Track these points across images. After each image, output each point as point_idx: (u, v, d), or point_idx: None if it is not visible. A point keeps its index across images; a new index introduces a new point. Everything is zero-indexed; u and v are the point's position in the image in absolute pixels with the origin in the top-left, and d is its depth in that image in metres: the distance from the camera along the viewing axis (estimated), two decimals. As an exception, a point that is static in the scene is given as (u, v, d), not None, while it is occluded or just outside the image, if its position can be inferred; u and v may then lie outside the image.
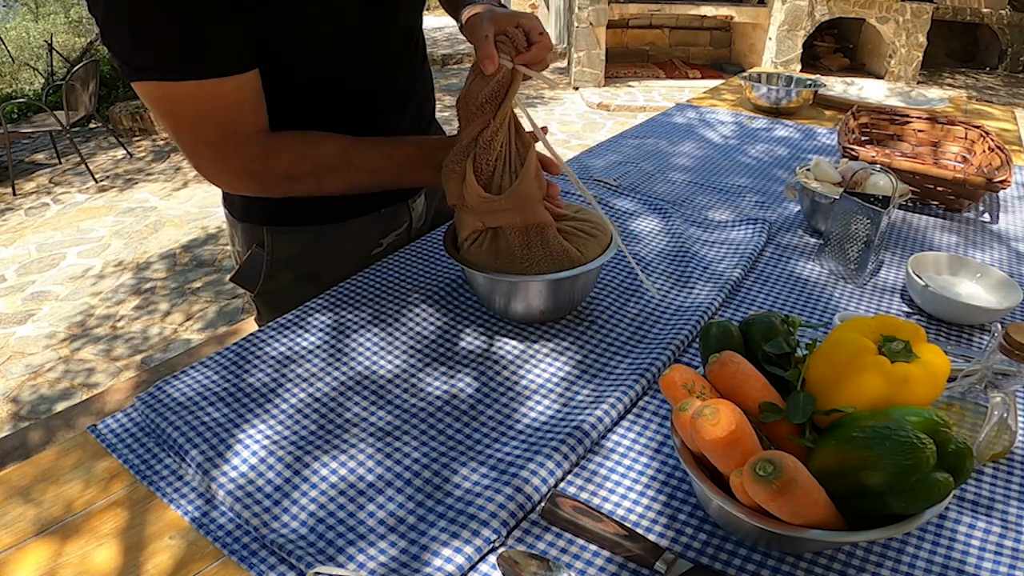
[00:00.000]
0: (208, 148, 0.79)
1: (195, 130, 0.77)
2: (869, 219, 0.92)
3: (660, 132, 1.59)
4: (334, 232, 1.00)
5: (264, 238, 0.99)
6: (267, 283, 1.02)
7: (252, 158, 0.81)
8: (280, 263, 1.01)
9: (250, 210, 0.99)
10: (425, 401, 0.73)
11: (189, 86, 0.72)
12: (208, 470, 0.63)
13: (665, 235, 1.08)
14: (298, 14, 0.77)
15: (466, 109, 0.76)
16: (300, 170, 0.83)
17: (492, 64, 0.72)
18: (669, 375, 0.58)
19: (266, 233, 0.99)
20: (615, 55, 6.70)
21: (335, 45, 0.84)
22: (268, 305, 1.05)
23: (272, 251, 1.00)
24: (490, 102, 0.74)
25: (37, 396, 2.44)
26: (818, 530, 0.50)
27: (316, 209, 0.95)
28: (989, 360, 0.63)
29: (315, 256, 1.01)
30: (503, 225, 0.77)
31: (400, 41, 0.93)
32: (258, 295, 1.04)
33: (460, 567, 0.54)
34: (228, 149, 0.79)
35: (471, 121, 0.76)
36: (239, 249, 1.04)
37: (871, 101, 1.85)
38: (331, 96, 0.88)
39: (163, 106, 0.74)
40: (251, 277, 1.02)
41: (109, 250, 3.52)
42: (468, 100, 0.75)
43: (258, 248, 1.00)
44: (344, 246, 1.01)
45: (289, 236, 0.99)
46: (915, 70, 6.18)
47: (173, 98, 0.73)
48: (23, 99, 5.60)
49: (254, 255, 1.00)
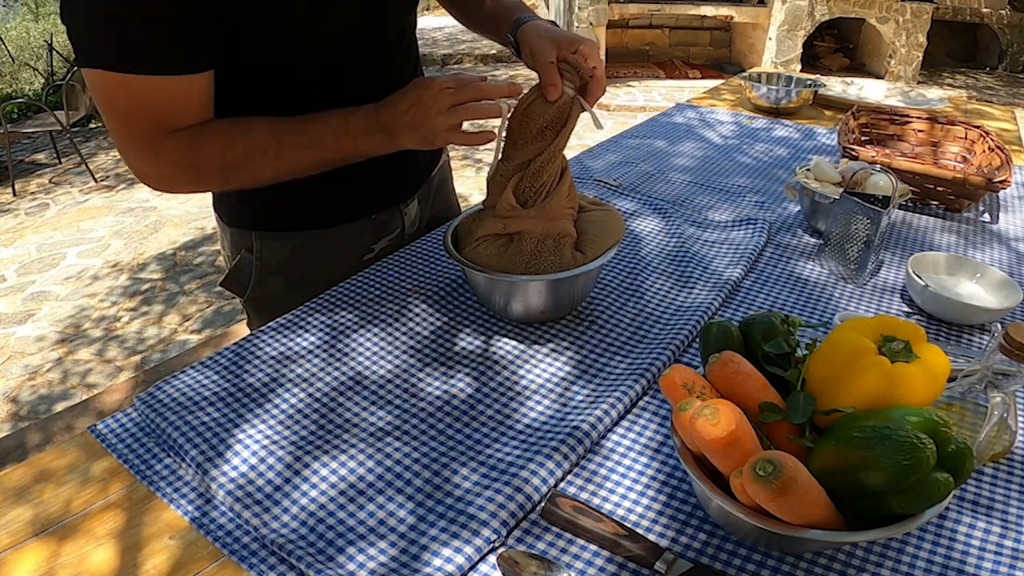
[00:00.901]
0: (137, 140, 0.76)
1: (126, 121, 0.74)
2: (869, 219, 0.92)
3: (660, 132, 1.59)
4: (324, 237, 0.98)
5: (253, 243, 0.97)
6: (256, 288, 1.00)
7: (178, 150, 0.77)
8: (269, 268, 0.99)
9: (238, 214, 0.98)
10: (425, 401, 0.73)
11: (135, 79, 0.70)
12: (207, 470, 0.63)
13: (665, 235, 1.08)
14: (303, 13, 0.76)
15: (523, 128, 0.77)
16: (232, 156, 0.78)
17: (556, 92, 0.75)
18: (669, 375, 0.58)
19: (255, 238, 0.97)
20: (615, 55, 6.71)
21: (335, 45, 0.83)
22: (258, 310, 1.03)
23: (261, 256, 0.98)
24: (551, 128, 0.77)
25: (37, 396, 2.43)
26: (818, 530, 0.50)
27: (305, 214, 0.94)
28: (989, 360, 0.63)
29: (305, 261, 0.99)
30: (523, 231, 0.78)
31: (395, 42, 0.93)
32: (247, 300, 1.03)
33: (460, 567, 0.54)
34: (157, 141, 0.75)
35: (528, 143, 0.77)
36: (228, 254, 1.03)
37: (871, 101, 1.85)
38: (327, 96, 0.88)
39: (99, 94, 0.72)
40: (240, 282, 1.00)
41: (109, 250, 3.52)
42: (528, 121, 0.77)
43: (247, 253, 0.98)
44: (334, 252, 1.00)
45: (278, 241, 0.98)
46: (915, 70, 6.18)
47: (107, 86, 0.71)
48: (23, 99, 5.60)
49: (243, 260, 0.99)
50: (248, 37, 0.75)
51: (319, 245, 0.99)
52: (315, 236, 0.98)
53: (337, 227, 0.98)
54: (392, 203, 1.03)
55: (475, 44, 7.85)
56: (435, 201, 1.14)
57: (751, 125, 1.66)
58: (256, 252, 0.98)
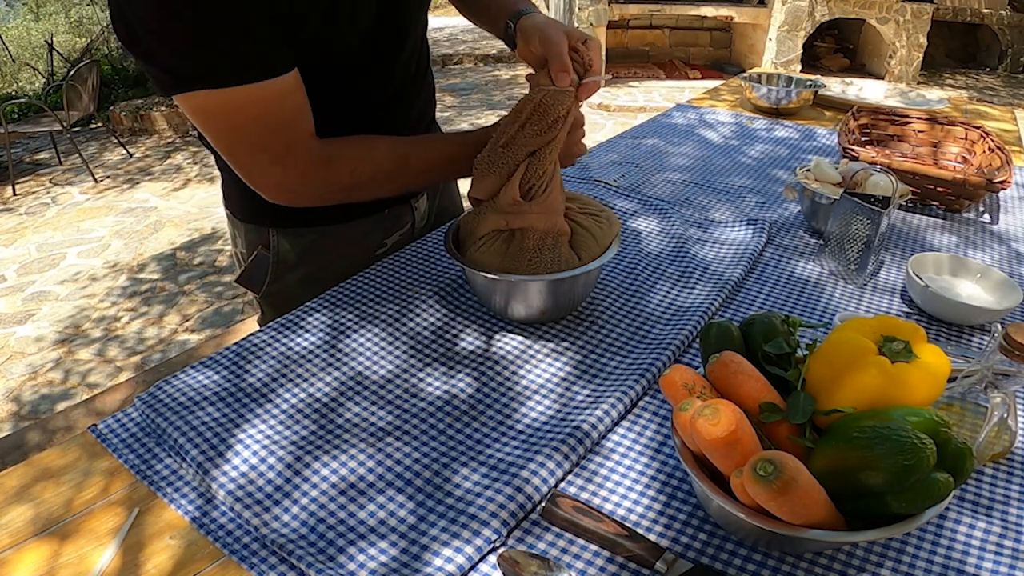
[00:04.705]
0: (266, 155, 0.77)
1: (251, 137, 0.75)
2: (869, 219, 0.92)
3: (660, 132, 1.59)
4: (339, 233, 1.00)
5: (269, 239, 0.99)
6: (272, 284, 1.02)
7: (311, 164, 0.79)
8: (285, 264, 1.00)
9: (254, 211, 0.99)
10: (425, 401, 0.73)
11: (242, 91, 0.69)
12: (208, 470, 0.63)
13: (665, 235, 1.08)
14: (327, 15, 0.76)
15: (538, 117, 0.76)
16: (360, 178, 0.83)
17: (568, 79, 0.76)
18: (669, 375, 0.58)
19: (271, 234, 0.98)
20: (615, 55, 6.71)
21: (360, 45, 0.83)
22: (274, 306, 1.04)
23: (278, 252, 0.99)
24: (564, 118, 0.77)
25: (38, 396, 2.44)
26: (818, 530, 0.50)
27: (321, 210, 0.95)
28: (989, 360, 0.63)
29: (320, 257, 1.01)
30: (527, 227, 0.78)
31: (410, 42, 0.93)
32: (264, 297, 1.04)
33: (460, 567, 0.54)
34: (286, 156, 0.77)
35: (541, 132, 0.77)
36: (242, 251, 1.04)
37: (871, 102, 1.85)
38: (343, 97, 0.88)
39: (215, 116, 0.72)
40: (257, 279, 1.02)
41: (109, 250, 3.52)
42: (545, 110, 0.76)
43: (263, 249, 1.00)
44: (348, 247, 1.01)
45: (294, 237, 0.99)
46: (915, 70, 6.18)
47: (226, 106, 0.71)
48: (24, 99, 5.60)
49: (259, 257, 1.00)
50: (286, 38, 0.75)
51: (334, 240, 1.00)
52: (330, 231, 1.00)
53: (351, 222, 1.00)
54: (403, 199, 1.05)
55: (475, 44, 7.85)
56: (442, 196, 1.16)
57: (751, 126, 1.66)
58: (273, 248, 0.99)
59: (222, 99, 0.69)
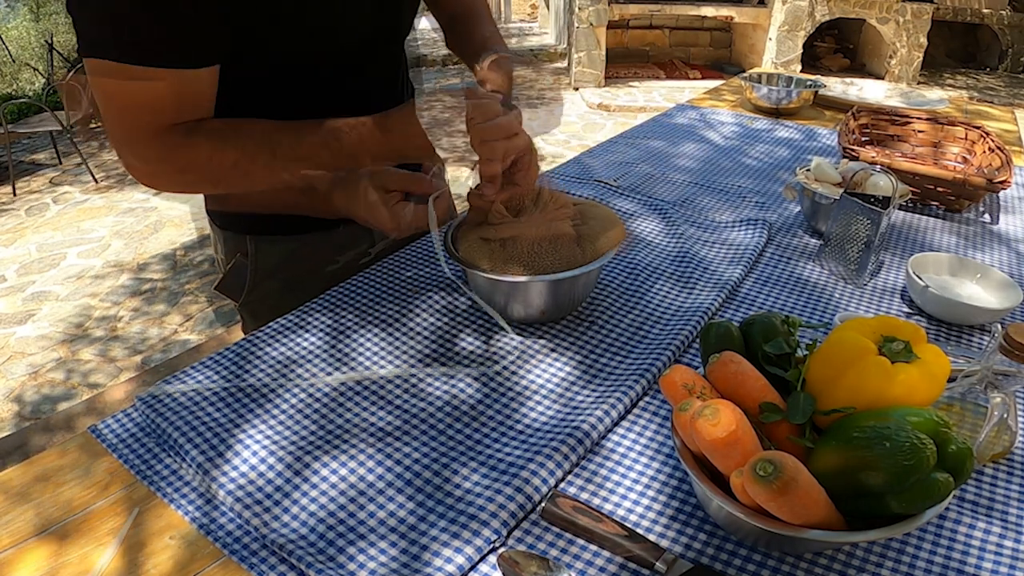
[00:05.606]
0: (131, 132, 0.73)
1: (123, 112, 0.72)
2: (869, 220, 0.92)
3: (660, 133, 1.59)
4: (320, 241, 0.97)
5: (248, 247, 0.96)
6: (251, 293, 0.99)
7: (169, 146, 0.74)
8: (264, 273, 0.97)
9: (232, 217, 0.97)
10: (425, 402, 0.73)
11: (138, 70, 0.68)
12: (209, 470, 0.63)
13: (665, 236, 1.08)
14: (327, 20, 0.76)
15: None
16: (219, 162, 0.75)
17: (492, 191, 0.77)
18: (669, 375, 0.58)
19: (249, 242, 0.96)
20: (615, 55, 6.70)
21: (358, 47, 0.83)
22: (253, 315, 1.01)
23: (256, 260, 0.97)
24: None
25: (39, 396, 2.44)
26: (818, 530, 0.50)
27: (302, 218, 0.93)
28: (989, 360, 0.63)
29: (300, 265, 0.98)
30: (517, 236, 0.79)
31: (400, 47, 0.94)
32: (243, 305, 1.01)
33: (460, 567, 0.54)
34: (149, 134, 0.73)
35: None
36: (222, 257, 1.01)
37: (871, 102, 1.85)
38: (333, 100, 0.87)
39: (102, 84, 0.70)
40: (235, 287, 0.99)
41: (109, 250, 3.52)
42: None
43: (242, 257, 0.97)
44: (330, 255, 0.98)
45: (274, 245, 0.96)
46: (915, 70, 6.18)
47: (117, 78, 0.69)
48: (23, 99, 5.60)
49: (238, 264, 0.97)
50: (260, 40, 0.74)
51: (315, 248, 0.97)
52: (311, 239, 0.97)
53: (332, 230, 0.97)
54: None
55: (475, 44, 7.83)
56: None
57: (751, 126, 1.66)
58: (251, 256, 0.97)
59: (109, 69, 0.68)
